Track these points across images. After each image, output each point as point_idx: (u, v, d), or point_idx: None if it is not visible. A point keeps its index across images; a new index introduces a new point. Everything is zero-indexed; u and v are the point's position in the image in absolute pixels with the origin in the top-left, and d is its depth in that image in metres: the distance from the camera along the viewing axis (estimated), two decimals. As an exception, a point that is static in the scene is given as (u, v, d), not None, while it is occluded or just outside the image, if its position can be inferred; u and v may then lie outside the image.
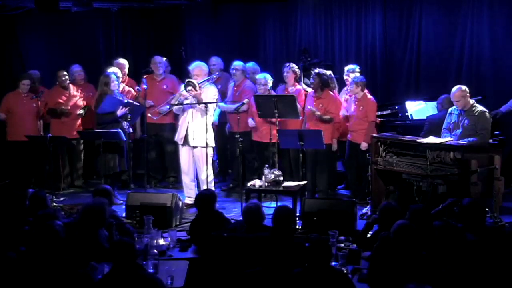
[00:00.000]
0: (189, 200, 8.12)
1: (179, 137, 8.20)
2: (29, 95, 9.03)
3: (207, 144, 7.92)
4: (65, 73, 9.15)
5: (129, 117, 8.26)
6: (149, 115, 8.85)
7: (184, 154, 8.20)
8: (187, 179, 8.29)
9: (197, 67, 8.24)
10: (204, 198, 6.31)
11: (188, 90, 7.97)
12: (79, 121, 9.22)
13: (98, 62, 10.53)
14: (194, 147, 8.09)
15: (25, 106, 9.02)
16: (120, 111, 8.28)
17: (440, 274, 4.60)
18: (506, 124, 8.84)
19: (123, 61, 9.35)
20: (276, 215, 5.42)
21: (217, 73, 8.78)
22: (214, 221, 6.09)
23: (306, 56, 9.93)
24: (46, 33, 10.74)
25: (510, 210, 7.74)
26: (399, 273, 4.61)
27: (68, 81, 9.14)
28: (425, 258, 4.72)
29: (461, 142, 7.27)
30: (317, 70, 8.46)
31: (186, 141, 8.11)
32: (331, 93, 8.47)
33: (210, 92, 8.10)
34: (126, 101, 8.40)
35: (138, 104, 8.58)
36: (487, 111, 7.55)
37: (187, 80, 8.12)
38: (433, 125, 8.01)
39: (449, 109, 7.77)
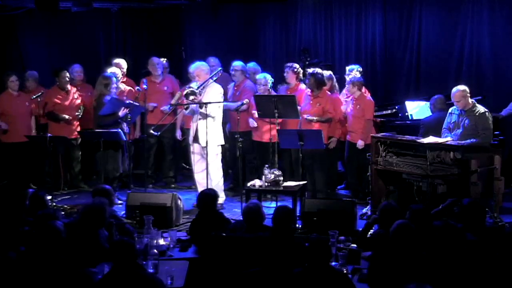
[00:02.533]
0: None
1: (190, 136, 8.17)
2: (20, 95, 9.01)
3: (207, 143, 7.90)
4: (67, 74, 9.10)
5: (129, 117, 8.26)
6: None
7: (195, 153, 8.15)
8: (200, 178, 8.21)
9: (197, 68, 8.22)
10: (205, 197, 6.30)
11: (192, 99, 7.96)
12: (77, 122, 9.20)
13: (98, 62, 10.53)
14: (203, 147, 8.06)
15: (18, 106, 8.99)
16: (122, 112, 8.28)
17: (440, 274, 4.60)
18: (506, 124, 8.85)
19: (121, 61, 9.34)
20: (276, 215, 5.42)
21: (220, 69, 8.70)
22: (215, 221, 6.08)
23: (306, 56, 9.93)
24: (46, 33, 10.74)
25: (510, 210, 7.74)
26: (399, 273, 4.61)
27: (68, 83, 9.12)
28: (425, 258, 4.72)
29: (462, 143, 7.27)
30: (311, 70, 8.43)
31: (196, 140, 8.07)
32: (328, 92, 8.47)
33: (213, 91, 8.06)
34: (128, 101, 8.40)
35: (137, 104, 8.59)
36: (488, 111, 7.55)
37: (187, 90, 8.08)
38: (428, 128, 7.99)
39: (450, 109, 7.77)
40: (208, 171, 8.02)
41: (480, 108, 7.52)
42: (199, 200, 6.37)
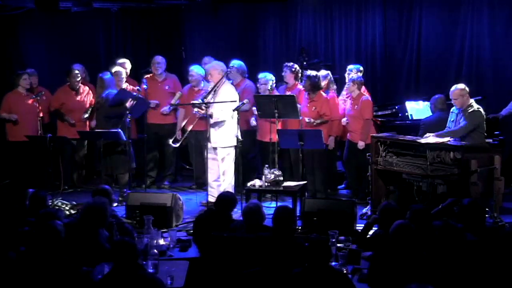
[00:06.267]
0: (212, 199, 7.84)
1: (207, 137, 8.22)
2: (29, 95, 9.03)
3: (204, 143, 7.89)
4: (78, 73, 9.12)
5: (129, 116, 8.26)
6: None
7: (208, 154, 8.13)
8: (210, 179, 8.18)
9: (211, 67, 8.23)
10: (224, 200, 6.25)
11: (196, 111, 8.06)
12: (87, 124, 9.22)
13: (98, 62, 10.53)
14: (213, 148, 8.08)
15: (26, 106, 9.00)
16: (129, 103, 8.28)
17: (440, 274, 4.60)
18: (506, 124, 8.85)
19: (126, 61, 9.34)
20: (277, 215, 5.41)
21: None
22: (223, 223, 6.04)
23: (304, 56, 9.93)
24: (46, 33, 10.73)
25: (510, 210, 7.75)
26: (399, 273, 4.61)
27: (79, 83, 9.13)
28: (425, 258, 4.72)
29: (440, 132, 7.41)
30: (308, 72, 8.40)
31: (208, 140, 8.08)
32: (324, 94, 8.46)
33: (224, 91, 8.04)
34: (135, 94, 8.45)
35: (144, 98, 8.59)
36: (481, 108, 7.53)
37: (192, 102, 8.17)
38: (428, 128, 7.98)
39: (452, 108, 7.78)
40: (210, 170, 8.06)
41: (475, 107, 7.51)
42: (217, 202, 6.32)
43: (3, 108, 9.04)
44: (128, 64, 9.31)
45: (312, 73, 8.38)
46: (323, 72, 8.77)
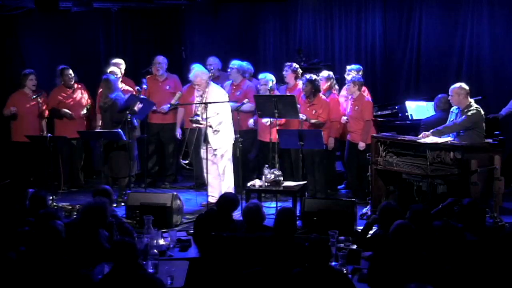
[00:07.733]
0: (212, 199, 7.91)
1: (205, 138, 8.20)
2: (31, 95, 9.04)
3: (208, 143, 7.91)
4: (71, 71, 9.14)
5: (129, 117, 8.24)
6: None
7: (208, 154, 8.13)
8: (210, 179, 8.19)
9: (196, 77, 8.18)
10: (226, 202, 6.23)
11: (195, 126, 8.07)
12: (84, 122, 9.21)
13: (98, 62, 10.52)
14: (213, 149, 8.09)
15: (30, 106, 9.01)
16: (137, 107, 8.28)
17: (440, 274, 4.60)
18: (506, 124, 8.85)
19: (120, 60, 9.34)
20: (279, 217, 5.37)
21: (212, 69, 8.67)
22: (224, 224, 6.04)
23: (301, 56, 9.93)
24: (46, 33, 10.71)
25: (510, 210, 7.75)
26: (399, 273, 4.61)
27: (72, 80, 9.13)
28: (425, 258, 4.72)
29: (437, 128, 7.40)
30: (309, 76, 8.38)
31: (207, 140, 8.07)
32: (323, 96, 8.45)
33: (214, 93, 8.05)
34: (142, 96, 8.44)
35: (150, 100, 8.58)
36: (479, 109, 7.52)
37: (189, 118, 8.13)
38: (428, 128, 7.97)
39: (452, 108, 7.78)
40: (210, 171, 8.06)
41: (474, 106, 7.51)
42: (219, 202, 6.31)
43: (6, 107, 9.05)
44: (122, 64, 9.31)
45: (314, 76, 8.36)
46: (325, 73, 8.77)
